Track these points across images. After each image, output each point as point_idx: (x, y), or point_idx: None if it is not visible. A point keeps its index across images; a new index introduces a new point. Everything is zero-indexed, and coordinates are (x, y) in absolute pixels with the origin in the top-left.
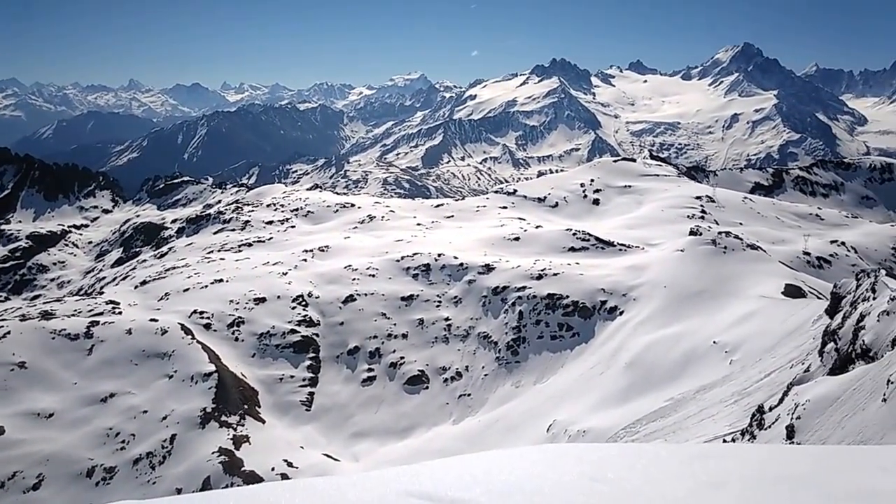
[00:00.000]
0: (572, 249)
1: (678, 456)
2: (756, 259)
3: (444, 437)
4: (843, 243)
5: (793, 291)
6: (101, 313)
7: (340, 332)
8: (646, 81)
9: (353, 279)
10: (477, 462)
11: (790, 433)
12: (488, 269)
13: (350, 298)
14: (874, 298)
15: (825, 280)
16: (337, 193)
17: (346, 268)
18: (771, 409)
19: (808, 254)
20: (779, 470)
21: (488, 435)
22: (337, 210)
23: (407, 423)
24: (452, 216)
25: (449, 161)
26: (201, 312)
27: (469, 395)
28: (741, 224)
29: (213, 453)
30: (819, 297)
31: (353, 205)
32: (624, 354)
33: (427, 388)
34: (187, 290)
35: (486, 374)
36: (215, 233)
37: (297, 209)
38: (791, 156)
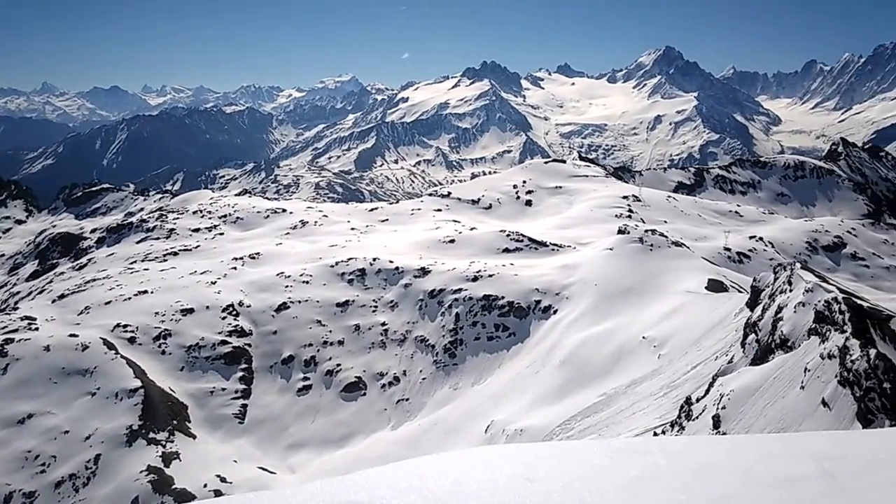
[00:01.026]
0: (507, 250)
1: (609, 451)
2: (680, 256)
3: (383, 443)
4: (760, 238)
5: (715, 286)
6: (15, 330)
7: (274, 342)
8: (573, 84)
9: (286, 286)
10: (413, 468)
11: (716, 423)
12: (424, 272)
13: (283, 306)
14: (791, 291)
15: (745, 274)
16: (267, 199)
17: (278, 275)
18: (698, 400)
19: (728, 249)
20: (705, 460)
21: (427, 439)
22: (268, 216)
23: (345, 431)
24: (387, 220)
25: (382, 164)
26: (125, 326)
27: (407, 399)
28: (666, 222)
29: (141, 472)
30: (740, 291)
31: (284, 210)
32: (558, 352)
33: (364, 394)
34: (109, 302)
35: (423, 378)
36: (138, 242)
37: (225, 216)
38: (711, 155)
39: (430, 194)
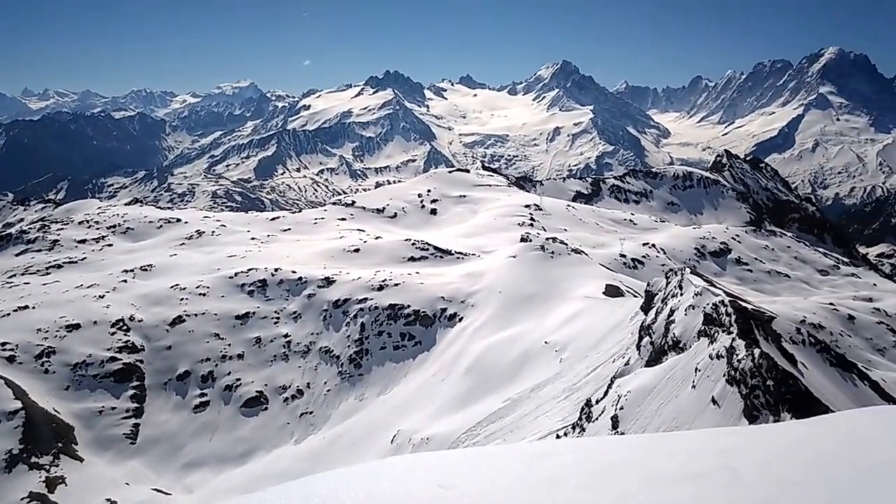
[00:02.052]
0: (412, 259)
1: (521, 455)
2: (580, 262)
3: (287, 458)
4: (653, 245)
5: (612, 291)
6: None
7: (168, 357)
8: (476, 95)
9: (182, 299)
10: (323, 482)
11: (615, 423)
12: (328, 282)
13: (178, 320)
14: (681, 295)
15: (640, 279)
16: (160, 208)
17: (172, 287)
18: (597, 401)
19: (623, 256)
20: (613, 459)
21: (333, 451)
22: (161, 226)
23: (245, 448)
24: (289, 229)
25: (284, 172)
26: (3, 344)
27: (311, 412)
28: (566, 230)
29: (22, 499)
30: (635, 296)
31: (179, 220)
32: (464, 360)
33: (266, 409)
34: None
35: (328, 390)
36: (18, 254)
37: (114, 226)
38: (607, 166)
39: (335, 203)
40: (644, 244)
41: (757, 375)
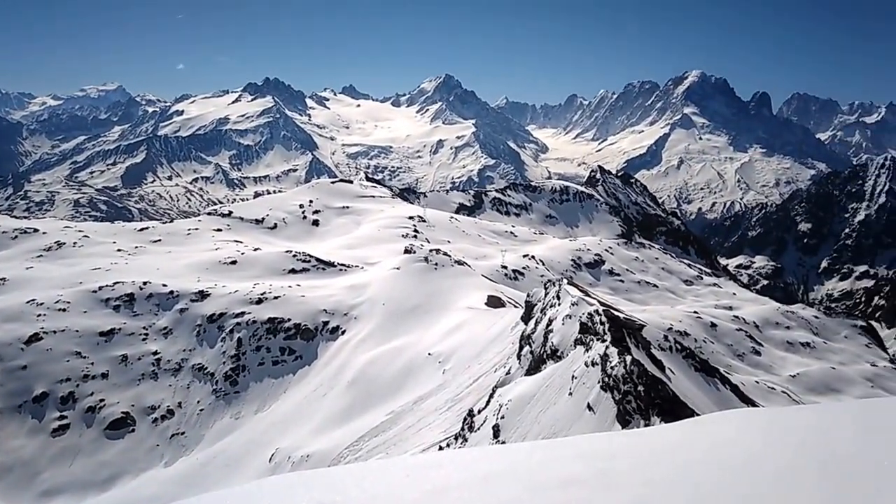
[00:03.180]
0: (293, 271)
1: (405, 468)
2: (463, 274)
3: (156, 482)
4: (533, 257)
5: (494, 302)
6: None
7: (23, 378)
8: (359, 106)
9: (39, 315)
10: None
11: (496, 432)
12: (202, 295)
13: (35, 338)
14: (559, 304)
15: (520, 290)
16: (15, 217)
17: (28, 303)
18: (479, 411)
19: (505, 267)
20: (493, 468)
21: (207, 473)
22: (15, 236)
23: (109, 473)
24: (160, 240)
25: (154, 181)
26: None
27: (183, 433)
28: (449, 242)
29: None
30: (516, 306)
31: (36, 230)
32: (347, 373)
33: (133, 430)
34: None
35: (201, 409)
36: None
37: None
38: (488, 179)
39: (210, 213)
40: (524, 256)
41: (629, 381)
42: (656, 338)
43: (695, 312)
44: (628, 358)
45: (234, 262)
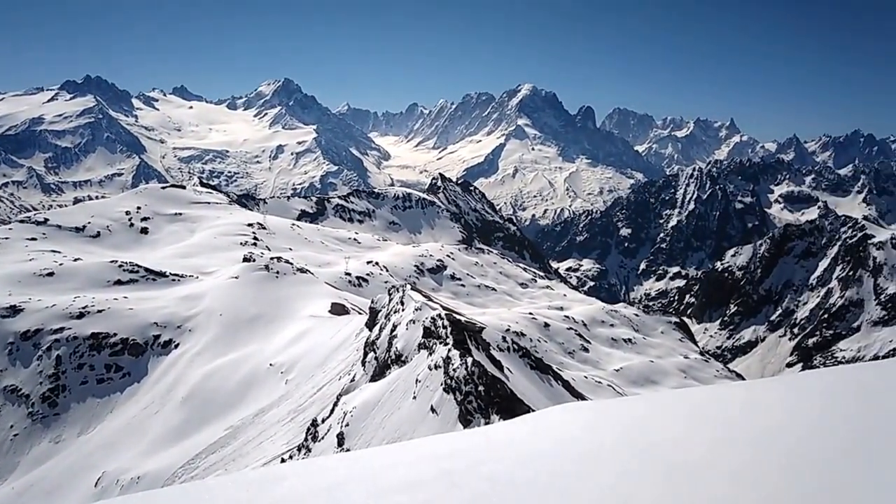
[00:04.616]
0: (119, 283)
1: (240, 484)
2: (306, 282)
3: None
4: (377, 263)
5: (338, 309)
6: None
7: None
8: (191, 108)
9: None
10: None
11: (340, 441)
12: (14, 310)
13: None
14: (403, 310)
15: (364, 297)
16: None
17: None
18: (323, 420)
19: (349, 274)
20: (333, 478)
21: None
22: None
23: None
24: None
25: None
26: None
27: None
28: (291, 249)
29: None
30: (360, 313)
31: None
32: (181, 388)
33: None
34: None
35: (15, 434)
36: None
37: None
38: (331, 185)
39: (23, 221)
40: (368, 262)
41: (470, 382)
42: (495, 339)
43: (530, 314)
44: (469, 360)
45: (51, 274)
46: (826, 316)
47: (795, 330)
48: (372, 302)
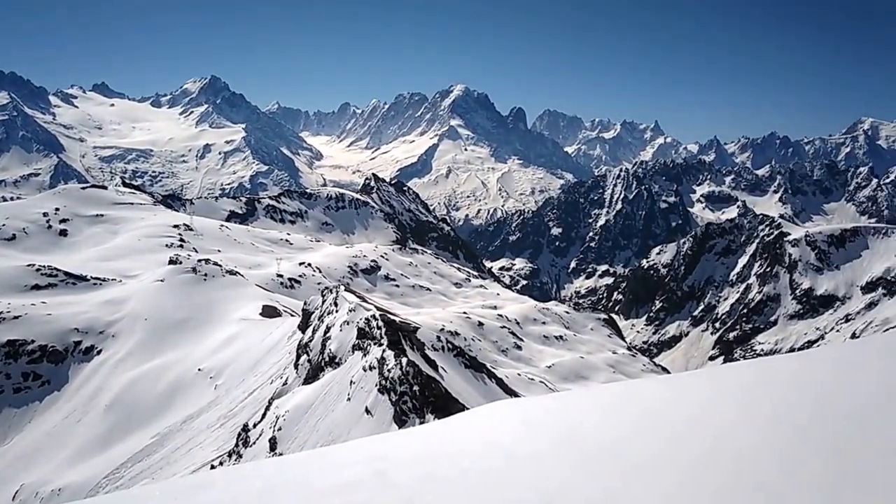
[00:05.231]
0: (37, 287)
1: (167, 494)
2: (235, 284)
3: None
4: (309, 264)
5: (270, 312)
6: None
7: None
8: (113, 105)
9: None
10: None
11: (273, 445)
12: None
13: None
14: (337, 311)
15: (297, 298)
16: None
17: None
18: (255, 425)
19: (280, 276)
20: (264, 483)
21: None
22: None
23: None
24: None
25: None
26: None
27: None
28: (220, 251)
29: None
30: (293, 315)
31: None
32: (104, 396)
33: None
34: None
35: None
36: None
37: None
38: (261, 186)
39: None
40: (301, 263)
41: (405, 382)
42: (430, 339)
43: (464, 313)
44: (404, 360)
45: None
46: (745, 311)
47: (717, 324)
48: (305, 304)
